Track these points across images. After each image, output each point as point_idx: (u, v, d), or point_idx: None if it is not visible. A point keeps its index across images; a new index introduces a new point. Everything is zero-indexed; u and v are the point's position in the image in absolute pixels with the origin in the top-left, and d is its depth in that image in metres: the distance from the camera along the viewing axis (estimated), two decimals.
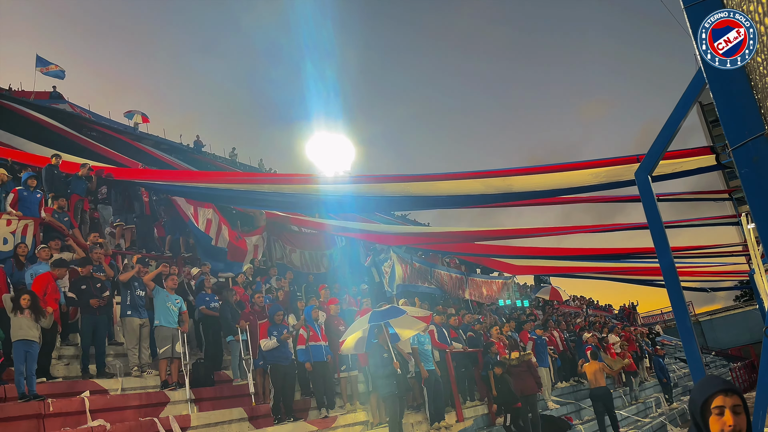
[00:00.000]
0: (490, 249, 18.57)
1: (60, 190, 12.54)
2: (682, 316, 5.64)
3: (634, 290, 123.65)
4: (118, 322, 10.45)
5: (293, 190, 12.94)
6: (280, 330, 10.35)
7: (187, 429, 8.52)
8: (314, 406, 10.86)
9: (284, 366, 10.20)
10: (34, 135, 16.51)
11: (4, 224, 10.34)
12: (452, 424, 11.57)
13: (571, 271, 20.46)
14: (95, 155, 17.52)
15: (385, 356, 9.93)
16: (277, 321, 10.47)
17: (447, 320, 13.53)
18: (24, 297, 8.10)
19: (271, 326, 10.34)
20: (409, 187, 10.97)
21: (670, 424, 16.83)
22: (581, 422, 14.36)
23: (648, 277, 19.93)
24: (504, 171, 9.23)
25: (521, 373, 12.03)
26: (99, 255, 10.40)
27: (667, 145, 5.87)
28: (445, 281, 20.36)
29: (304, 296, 13.15)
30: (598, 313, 33.00)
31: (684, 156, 7.47)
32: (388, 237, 18.56)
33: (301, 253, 17.55)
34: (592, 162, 8.24)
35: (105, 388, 8.87)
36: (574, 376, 17.93)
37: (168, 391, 9.23)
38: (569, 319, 23.70)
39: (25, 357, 7.84)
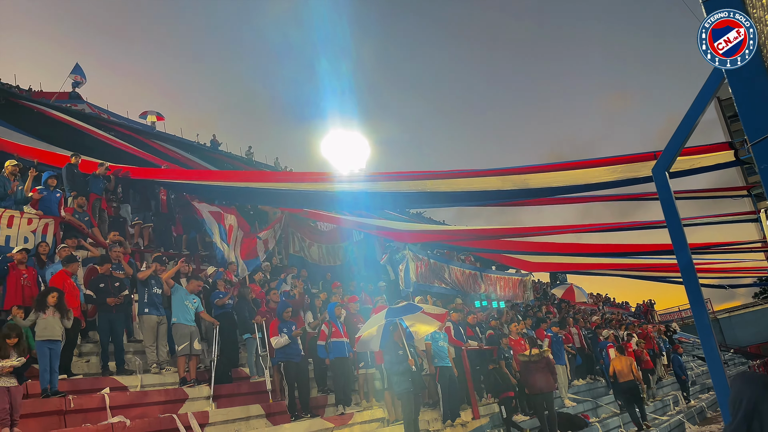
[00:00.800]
0: (506, 246, 18.48)
1: (80, 189, 12.68)
2: (701, 313, 5.62)
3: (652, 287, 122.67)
4: (137, 320, 10.55)
5: (309, 188, 12.99)
6: (290, 327, 10.38)
7: (206, 425, 8.61)
8: (331, 403, 10.91)
9: (296, 363, 10.25)
10: (54, 135, 16.69)
11: (25, 223, 10.51)
12: (468, 421, 11.57)
13: (588, 268, 20.31)
14: (116, 153, 17.70)
15: (400, 353, 9.95)
16: (286, 318, 10.46)
17: (464, 318, 13.52)
18: (53, 294, 8.22)
19: (281, 323, 10.35)
20: (425, 184, 10.95)
21: (688, 422, 16.71)
22: (598, 420, 14.31)
23: (666, 274, 19.76)
24: (520, 168, 9.18)
25: (540, 369, 12.00)
26: (118, 253, 10.52)
27: (685, 141, 5.84)
28: (459, 278, 20.30)
29: (323, 293, 13.16)
30: (614, 310, 32.82)
31: (702, 152, 7.40)
32: (404, 234, 18.56)
33: (319, 246, 17.63)
34: (609, 159, 8.19)
35: (125, 385, 8.98)
36: (591, 374, 17.86)
37: (187, 388, 9.32)
38: (586, 317, 23.59)
39: (49, 355, 7.97)
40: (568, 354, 16.31)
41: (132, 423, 7.86)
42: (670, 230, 5.83)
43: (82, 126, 18.21)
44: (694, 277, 5.72)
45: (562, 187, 9.39)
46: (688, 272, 5.72)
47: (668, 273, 18.92)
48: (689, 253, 5.78)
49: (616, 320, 23.70)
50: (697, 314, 5.62)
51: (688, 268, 5.73)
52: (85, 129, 18.17)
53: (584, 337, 18.26)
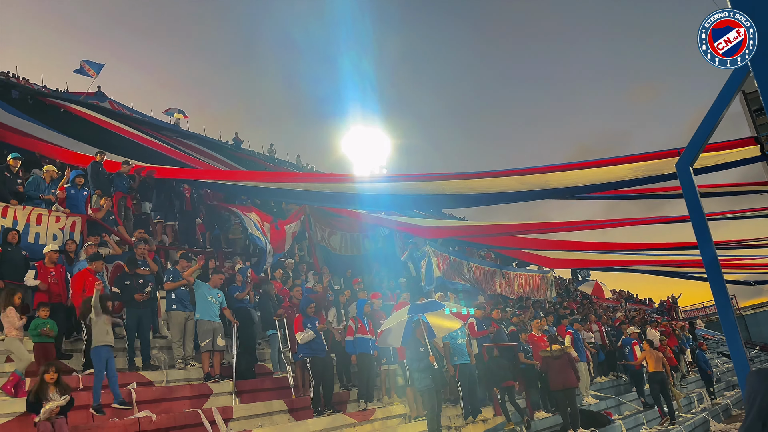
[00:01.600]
0: (527, 242, 18.41)
1: (105, 187, 12.87)
2: (726, 309, 5.57)
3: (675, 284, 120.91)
4: (163, 316, 10.70)
5: (329, 189, 13.09)
6: (314, 322, 10.42)
7: (230, 420, 8.72)
8: (353, 399, 10.97)
9: (322, 358, 10.29)
10: (81, 132, 16.93)
11: (53, 221, 10.72)
12: (489, 418, 11.58)
13: (611, 264, 20.17)
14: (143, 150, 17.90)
15: (422, 350, 9.99)
16: (309, 313, 10.50)
17: (488, 313, 13.54)
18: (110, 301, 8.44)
19: (305, 319, 10.38)
20: (444, 185, 10.96)
21: (712, 420, 16.52)
22: (621, 417, 14.22)
23: (690, 269, 19.52)
24: (540, 168, 9.14)
25: (562, 366, 11.96)
26: (143, 250, 10.67)
27: (709, 137, 5.79)
28: (478, 275, 20.27)
29: (347, 290, 13.21)
30: (637, 306, 32.49)
31: (727, 147, 7.32)
32: (424, 230, 18.58)
33: (342, 235, 17.67)
34: (632, 157, 8.13)
35: (151, 380, 9.14)
36: (613, 371, 17.75)
37: (211, 383, 9.44)
38: (609, 314, 23.42)
39: (106, 364, 8.08)
40: (590, 351, 16.23)
41: (158, 418, 7.99)
42: (694, 226, 5.78)
43: (108, 123, 18.45)
44: (719, 274, 5.68)
45: (583, 186, 9.32)
46: (713, 268, 5.68)
47: (693, 268, 18.70)
48: (714, 249, 5.74)
49: (639, 317, 23.46)
50: (722, 311, 5.58)
51: (713, 264, 5.68)
52: (112, 127, 18.40)
53: (607, 334, 18.14)
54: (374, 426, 10.28)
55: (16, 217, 10.29)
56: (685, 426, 14.30)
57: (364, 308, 11.53)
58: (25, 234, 10.29)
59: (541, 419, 12.34)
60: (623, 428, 13.25)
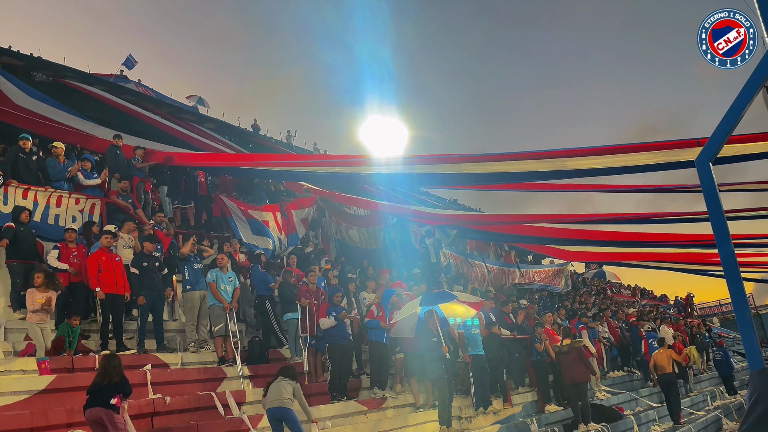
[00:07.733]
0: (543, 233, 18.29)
1: (123, 170, 12.92)
2: (742, 308, 5.50)
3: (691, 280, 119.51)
4: (178, 300, 10.79)
5: (346, 170, 13.14)
6: (339, 311, 10.63)
7: (243, 404, 8.81)
8: (365, 386, 11.03)
9: (342, 345, 10.44)
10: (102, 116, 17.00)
11: (73, 203, 10.85)
12: (500, 409, 11.58)
13: (628, 258, 19.98)
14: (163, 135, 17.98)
15: (434, 340, 10.02)
16: (335, 302, 10.78)
17: (500, 307, 13.50)
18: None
19: (329, 306, 10.64)
20: (462, 167, 10.97)
21: (725, 418, 16.40)
22: (633, 413, 14.15)
23: (706, 265, 19.27)
24: (560, 152, 9.11)
25: (571, 360, 11.92)
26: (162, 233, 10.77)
27: (731, 131, 5.70)
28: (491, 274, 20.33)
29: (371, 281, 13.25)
30: (652, 302, 32.31)
31: (749, 140, 7.22)
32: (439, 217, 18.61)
33: (359, 229, 17.74)
34: (650, 144, 8.08)
35: (166, 363, 9.24)
36: (627, 366, 17.67)
37: (225, 367, 9.53)
38: (623, 309, 23.28)
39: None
40: (603, 346, 16.16)
41: (172, 400, 8.09)
42: (712, 222, 5.71)
43: (130, 108, 18.52)
44: (736, 271, 5.61)
45: (601, 168, 9.27)
46: (730, 265, 5.61)
47: (709, 264, 18.49)
48: (732, 246, 5.67)
49: (653, 314, 23.30)
50: (738, 309, 5.51)
51: (730, 261, 5.61)
52: (133, 112, 18.47)
53: (621, 330, 18.04)
54: (386, 414, 10.34)
55: (36, 198, 10.41)
56: (697, 424, 14.22)
57: (392, 298, 11.58)
58: (45, 215, 10.42)
59: (552, 412, 12.33)
60: (635, 424, 13.20)
